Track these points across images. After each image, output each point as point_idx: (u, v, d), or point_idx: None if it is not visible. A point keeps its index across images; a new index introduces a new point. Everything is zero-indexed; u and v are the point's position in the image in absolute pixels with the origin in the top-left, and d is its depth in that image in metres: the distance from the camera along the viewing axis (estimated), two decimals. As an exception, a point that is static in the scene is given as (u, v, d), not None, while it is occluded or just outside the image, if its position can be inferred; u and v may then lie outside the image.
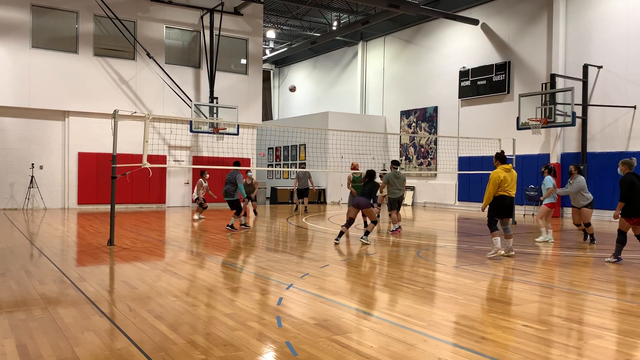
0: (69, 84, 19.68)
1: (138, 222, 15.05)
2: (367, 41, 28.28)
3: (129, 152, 19.31)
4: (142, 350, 4.19)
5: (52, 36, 19.70)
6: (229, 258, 9.06)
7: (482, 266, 8.23)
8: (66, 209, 19.71)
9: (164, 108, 21.14)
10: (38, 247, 9.82)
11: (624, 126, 17.22)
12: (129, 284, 6.72)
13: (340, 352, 4.18)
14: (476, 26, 21.93)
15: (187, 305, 5.62)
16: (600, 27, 17.82)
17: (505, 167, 9.03)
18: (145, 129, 10.31)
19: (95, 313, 5.28)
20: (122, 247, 9.96)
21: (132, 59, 20.97)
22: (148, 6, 21.20)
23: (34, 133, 19.43)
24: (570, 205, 18.29)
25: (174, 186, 21.87)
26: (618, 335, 4.70)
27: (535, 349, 4.30)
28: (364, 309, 5.58)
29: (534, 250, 10.09)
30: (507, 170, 9.00)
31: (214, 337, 4.55)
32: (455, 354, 4.19)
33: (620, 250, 8.47)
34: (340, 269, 7.94)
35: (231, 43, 23.03)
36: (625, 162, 8.44)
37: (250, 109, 23.14)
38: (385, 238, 11.84)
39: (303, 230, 13.77)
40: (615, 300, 6.12)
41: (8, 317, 5.10)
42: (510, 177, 8.95)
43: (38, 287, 6.44)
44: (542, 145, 19.59)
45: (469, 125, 22.21)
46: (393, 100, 26.50)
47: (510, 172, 9.01)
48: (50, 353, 4.12)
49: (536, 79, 19.64)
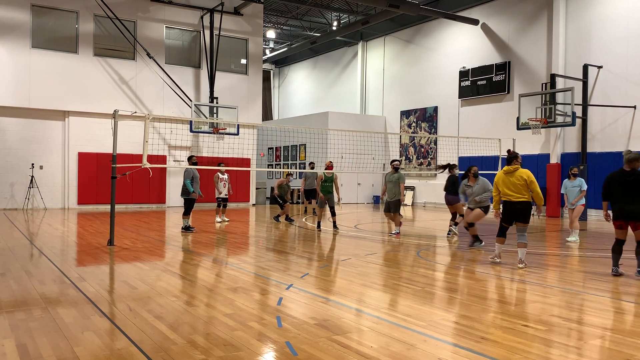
0: (69, 84, 19.68)
1: (138, 222, 15.05)
2: (367, 41, 28.28)
3: (129, 152, 19.31)
4: (142, 350, 4.19)
5: (52, 36, 19.71)
6: (229, 258, 9.06)
7: (482, 266, 8.23)
8: (66, 209, 19.71)
9: (164, 108, 21.15)
10: (38, 247, 9.82)
11: (624, 126, 17.22)
12: (129, 284, 6.72)
13: (340, 352, 4.18)
14: (476, 26, 21.93)
15: (187, 305, 5.62)
16: (600, 27, 17.82)
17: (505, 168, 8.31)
18: (145, 129, 10.30)
19: (95, 313, 5.28)
20: (122, 247, 9.96)
21: (132, 59, 20.97)
22: (148, 6, 21.20)
23: (34, 133, 19.44)
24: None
25: (174, 186, 21.86)
26: (618, 335, 4.70)
27: (535, 349, 4.29)
28: (364, 309, 5.58)
29: (534, 250, 10.09)
30: (506, 172, 8.26)
31: (214, 337, 4.55)
32: (455, 354, 4.18)
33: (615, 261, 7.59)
34: (340, 269, 7.94)
35: (231, 43, 23.03)
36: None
37: (250, 109, 23.14)
38: (386, 238, 11.84)
39: (303, 230, 13.76)
40: (615, 300, 6.12)
41: (8, 317, 5.10)
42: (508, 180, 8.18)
43: (38, 287, 6.44)
44: (542, 145, 19.59)
45: (469, 125, 22.21)
46: (393, 100, 26.50)
47: (510, 174, 8.19)
48: (50, 353, 4.11)
49: (536, 79, 19.64)
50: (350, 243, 10.98)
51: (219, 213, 15.15)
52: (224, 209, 15.22)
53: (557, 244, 11.22)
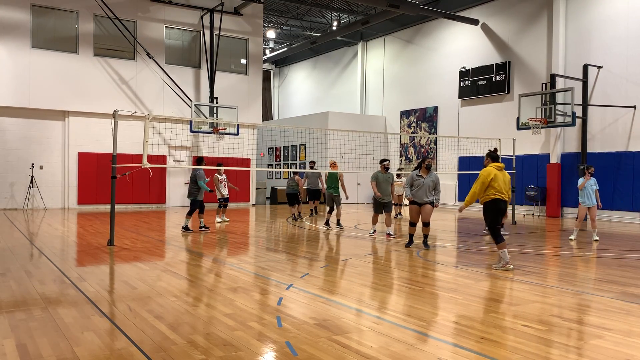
0: (69, 84, 19.68)
1: (138, 222, 15.05)
2: (367, 41, 28.28)
3: (129, 152, 19.32)
4: (142, 350, 4.19)
5: (52, 36, 19.71)
6: (229, 258, 9.06)
7: (482, 266, 8.23)
8: (66, 209, 19.71)
9: (164, 108, 21.15)
10: (38, 247, 9.82)
11: (624, 126, 17.22)
12: (129, 284, 6.72)
13: (340, 352, 4.18)
14: (476, 26, 21.93)
15: (187, 305, 5.62)
16: (600, 27, 17.82)
17: (497, 165, 8.13)
18: (145, 129, 10.30)
19: (95, 313, 5.28)
20: (122, 247, 9.96)
21: (132, 59, 20.97)
22: (148, 6, 21.20)
23: (34, 133, 19.44)
24: (573, 205, 18.32)
25: (174, 186, 21.87)
26: (618, 335, 4.70)
27: (535, 349, 4.29)
28: (364, 309, 5.58)
29: (534, 250, 10.09)
30: (499, 169, 8.09)
31: (214, 337, 4.55)
32: (455, 354, 4.18)
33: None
34: (340, 269, 7.94)
35: (231, 43, 23.03)
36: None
37: (250, 109, 23.14)
38: (386, 238, 11.84)
39: (303, 230, 13.76)
40: (615, 300, 6.12)
41: (8, 317, 5.10)
42: (502, 177, 8.02)
43: (38, 287, 6.44)
44: (542, 145, 19.59)
45: (469, 125, 22.21)
46: (393, 100, 26.50)
47: (502, 173, 8.08)
48: (50, 353, 4.11)
49: (536, 79, 19.63)
50: (350, 243, 10.98)
51: (219, 213, 15.27)
52: (224, 209, 15.33)
53: (557, 244, 11.22)
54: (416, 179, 9.95)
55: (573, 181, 18.33)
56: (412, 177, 10.04)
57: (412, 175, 10.04)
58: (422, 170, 9.92)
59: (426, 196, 9.88)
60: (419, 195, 9.89)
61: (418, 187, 9.90)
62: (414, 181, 9.98)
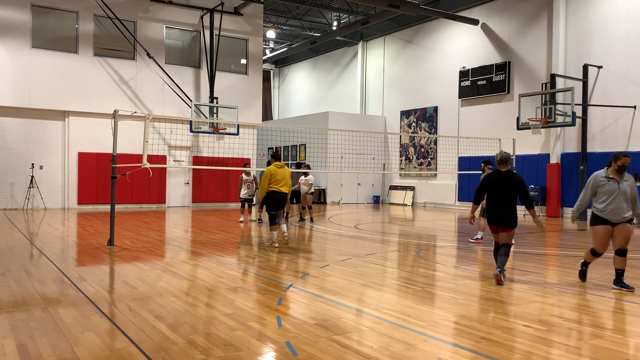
0: (69, 84, 19.68)
1: (138, 222, 15.05)
2: (367, 41, 28.27)
3: (129, 152, 19.31)
4: (142, 350, 4.19)
5: (52, 36, 19.70)
6: (229, 258, 9.06)
7: (482, 266, 8.23)
8: (66, 209, 19.71)
9: (164, 108, 21.14)
10: (38, 247, 9.82)
11: (624, 126, 17.22)
12: (129, 284, 6.72)
13: (340, 352, 4.18)
14: (476, 26, 21.93)
15: (187, 305, 5.62)
16: (600, 27, 17.82)
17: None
18: (145, 129, 10.30)
19: (95, 313, 5.28)
20: (122, 247, 9.96)
21: (132, 59, 20.96)
22: (148, 6, 21.20)
23: (34, 133, 19.43)
24: (573, 205, 18.31)
25: (174, 186, 21.86)
26: (618, 335, 4.70)
27: (535, 349, 4.30)
28: (364, 309, 5.58)
29: (534, 250, 10.09)
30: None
31: (214, 337, 4.55)
32: (455, 354, 4.19)
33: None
34: (340, 269, 7.94)
35: (231, 43, 23.03)
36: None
37: (250, 109, 23.14)
38: (387, 238, 11.84)
39: (302, 230, 13.76)
40: (615, 300, 6.12)
41: (8, 317, 5.10)
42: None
43: (38, 287, 6.44)
44: (542, 145, 19.59)
45: (469, 125, 22.20)
46: (393, 100, 26.50)
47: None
48: (50, 353, 4.12)
49: (536, 79, 19.63)
50: (350, 243, 10.98)
51: (243, 213, 15.26)
52: (249, 208, 15.51)
53: (557, 244, 11.22)
54: (605, 182, 6.58)
55: (573, 181, 18.34)
56: (596, 180, 6.67)
57: (597, 178, 6.67)
58: (612, 171, 6.60)
59: (622, 211, 6.53)
60: (612, 209, 6.52)
61: (609, 196, 6.54)
62: (600, 186, 6.62)
